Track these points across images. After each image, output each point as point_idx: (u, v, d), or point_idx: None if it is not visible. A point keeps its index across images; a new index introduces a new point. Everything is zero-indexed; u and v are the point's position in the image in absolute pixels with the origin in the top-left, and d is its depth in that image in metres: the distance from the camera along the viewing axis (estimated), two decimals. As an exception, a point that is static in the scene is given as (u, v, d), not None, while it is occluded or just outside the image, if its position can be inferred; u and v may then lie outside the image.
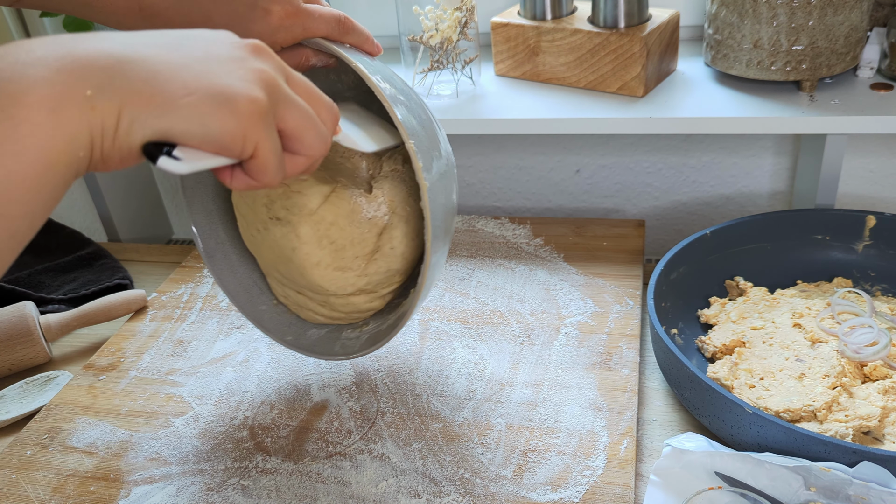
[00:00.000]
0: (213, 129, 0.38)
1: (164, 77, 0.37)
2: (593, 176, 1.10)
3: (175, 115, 0.37)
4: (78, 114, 0.34)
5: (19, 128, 0.32)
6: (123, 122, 0.36)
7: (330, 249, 0.64)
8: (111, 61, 0.36)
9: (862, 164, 1.00)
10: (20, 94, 0.32)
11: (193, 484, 0.68)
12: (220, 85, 0.38)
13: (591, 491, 0.63)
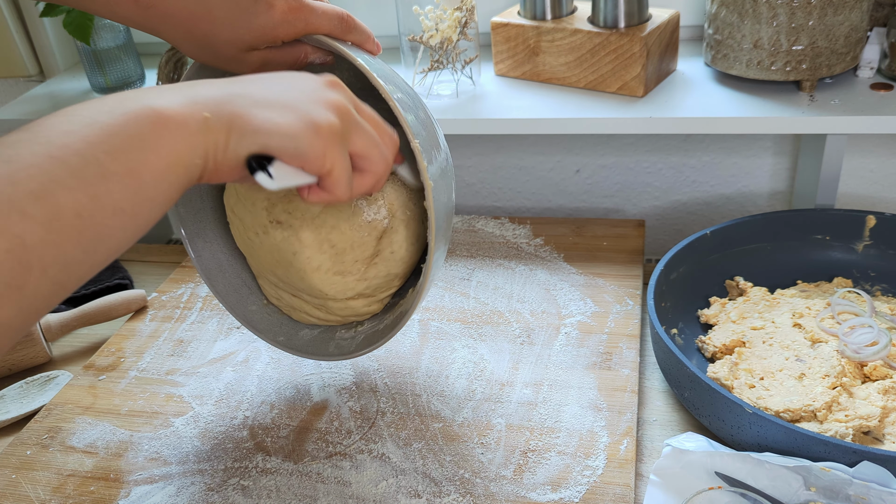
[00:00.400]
0: (301, 147, 0.46)
1: (263, 105, 0.46)
2: (593, 176, 1.10)
3: (271, 134, 0.45)
4: (197, 130, 0.43)
5: (161, 132, 0.41)
6: (232, 139, 0.45)
7: (330, 253, 0.64)
8: (222, 95, 0.46)
9: (862, 164, 1.00)
10: (163, 110, 0.42)
11: (193, 484, 0.68)
12: (305, 112, 0.47)
13: (591, 491, 0.63)
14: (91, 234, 0.38)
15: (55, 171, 0.37)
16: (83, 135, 0.39)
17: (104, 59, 1.03)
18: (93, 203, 0.38)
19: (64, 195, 0.37)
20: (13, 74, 1.19)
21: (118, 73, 1.05)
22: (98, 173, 0.38)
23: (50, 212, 0.36)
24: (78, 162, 0.38)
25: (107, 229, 0.39)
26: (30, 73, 1.18)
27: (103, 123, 0.40)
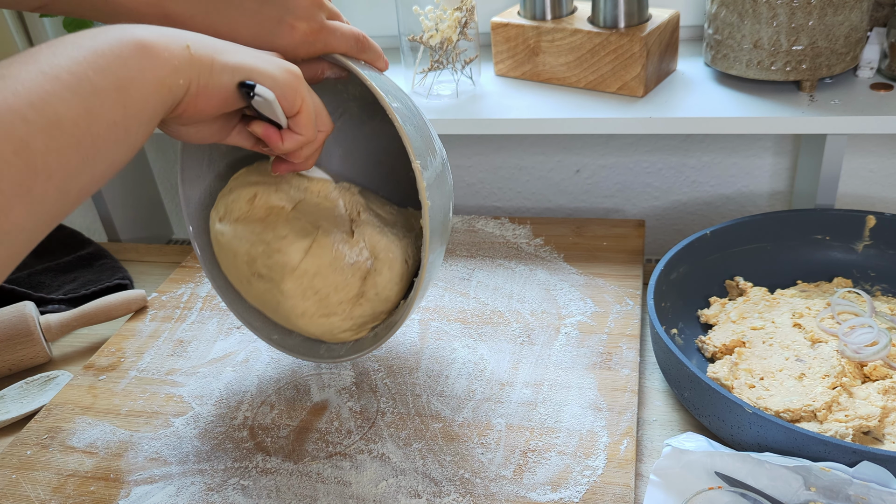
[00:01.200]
0: (280, 81, 0.52)
1: (236, 48, 0.52)
2: (593, 176, 1.10)
3: (253, 68, 0.51)
4: (180, 55, 0.47)
5: (144, 54, 0.45)
6: (216, 68, 0.50)
7: (315, 300, 0.66)
8: (200, 36, 0.50)
9: (862, 164, 1.00)
10: (146, 37, 0.45)
11: (193, 484, 0.68)
12: (273, 58, 0.54)
13: (591, 491, 0.63)
14: (89, 144, 0.41)
15: (50, 85, 0.39)
16: (71, 56, 0.42)
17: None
18: (88, 114, 0.41)
19: (61, 106, 0.40)
20: (13, 74, 1.19)
21: (118, 73, 1.05)
22: (89, 88, 0.41)
23: (50, 120, 0.39)
24: (69, 78, 0.40)
25: (102, 141, 0.42)
26: (30, 72, 1.18)
27: (88, 47, 0.43)
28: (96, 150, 0.42)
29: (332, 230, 0.66)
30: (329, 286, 0.65)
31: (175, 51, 0.47)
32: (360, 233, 0.67)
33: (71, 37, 0.44)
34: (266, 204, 0.66)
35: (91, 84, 0.42)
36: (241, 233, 0.66)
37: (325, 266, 0.65)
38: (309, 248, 0.64)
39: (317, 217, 0.66)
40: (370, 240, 0.67)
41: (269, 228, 0.65)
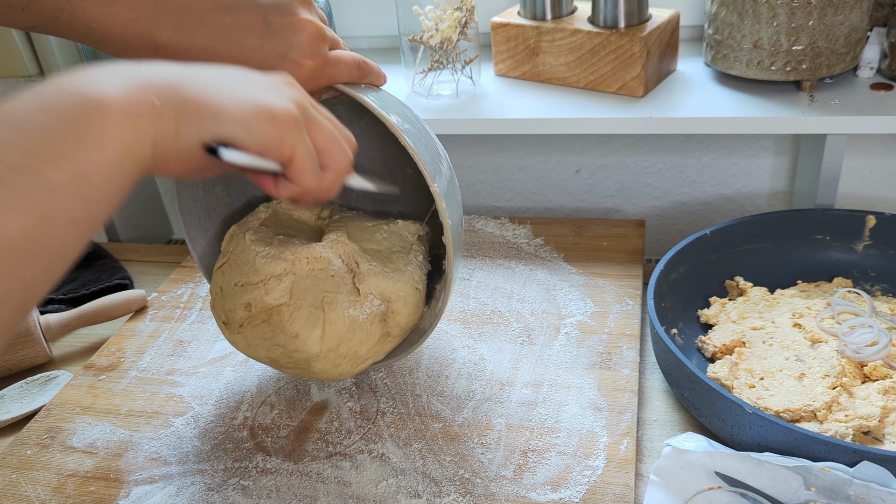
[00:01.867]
0: (256, 132, 0.45)
1: (214, 91, 0.44)
2: (593, 176, 1.10)
3: (224, 121, 0.44)
4: (146, 118, 0.40)
5: (104, 126, 0.38)
6: (182, 126, 0.42)
7: (345, 362, 0.67)
8: (172, 79, 0.43)
9: (862, 164, 1.00)
10: (105, 99, 0.38)
11: (193, 484, 0.68)
12: (259, 98, 0.46)
13: (591, 491, 0.63)
14: (46, 254, 0.36)
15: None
16: (19, 144, 0.35)
17: (104, 59, 1.03)
18: (42, 222, 0.35)
19: (9, 221, 0.34)
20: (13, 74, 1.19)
21: (118, 73, 1.05)
22: (42, 187, 0.35)
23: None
24: (18, 180, 0.35)
25: (61, 244, 0.37)
26: (30, 73, 1.18)
27: (40, 126, 0.36)
28: (54, 256, 0.37)
29: (336, 299, 0.65)
30: (354, 345, 0.66)
31: (140, 113, 0.40)
32: (366, 286, 0.66)
33: (23, 106, 0.37)
34: (263, 307, 0.64)
35: (43, 181, 0.35)
36: (252, 340, 0.66)
37: (344, 334, 0.65)
38: (322, 332, 0.64)
39: (316, 290, 0.65)
40: (377, 288, 0.66)
41: (278, 331, 0.64)
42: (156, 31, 0.54)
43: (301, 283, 0.65)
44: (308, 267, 0.65)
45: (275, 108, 0.46)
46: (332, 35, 0.61)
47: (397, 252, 0.69)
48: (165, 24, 0.54)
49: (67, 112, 0.37)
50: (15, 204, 0.34)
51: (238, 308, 0.65)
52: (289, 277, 0.65)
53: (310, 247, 0.66)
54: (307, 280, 0.65)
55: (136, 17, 0.53)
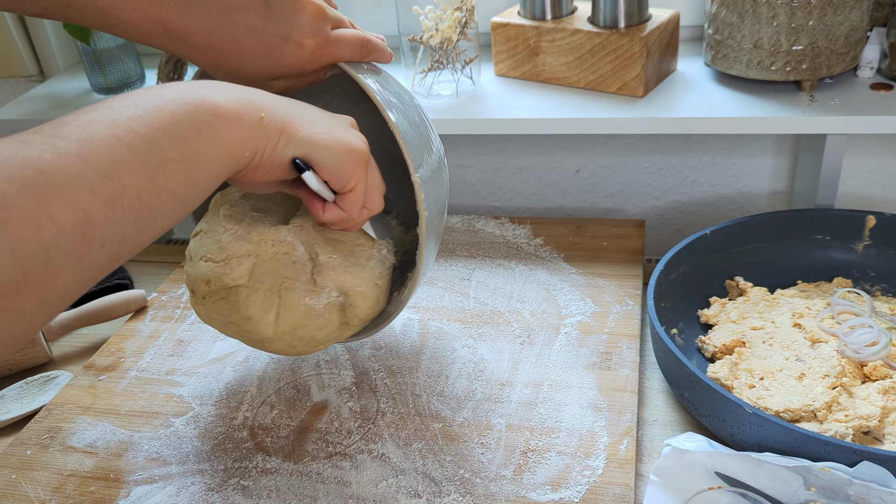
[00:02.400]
0: (338, 161, 0.53)
1: (309, 119, 0.53)
2: (593, 176, 1.10)
3: (316, 145, 0.52)
4: (253, 127, 0.48)
5: (218, 124, 0.45)
6: (281, 141, 0.50)
7: (303, 344, 0.67)
8: (274, 102, 0.51)
9: (862, 164, 1.00)
10: (222, 104, 0.46)
11: (193, 484, 0.68)
12: (341, 134, 0.54)
13: (591, 491, 0.63)
14: (146, 214, 0.41)
15: (122, 153, 0.40)
16: (149, 120, 0.42)
17: (104, 59, 1.03)
18: (152, 186, 0.41)
19: (128, 177, 0.40)
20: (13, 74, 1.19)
21: (118, 73, 1.05)
22: (159, 159, 0.42)
23: (115, 191, 0.39)
24: (142, 146, 0.41)
25: (160, 210, 0.42)
26: (30, 73, 1.18)
27: (167, 111, 0.43)
28: (153, 220, 0.42)
29: (294, 286, 0.66)
30: (312, 330, 0.67)
31: (248, 121, 0.47)
32: (323, 278, 0.66)
33: (148, 93, 0.44)
34: (222, 286, 0.65)
35: (161, 154, 0.42)
36: (211, 313, 0.67)
37: (300, 320, 0.66)
38: (276, 317, 0.65)
39: (276, 274, 0.66)
40: (334, 282, 0.67)
41: (234, 310, 0.65)
42: (165, 15, 0.56)
43: (262, 265, 0.65)
44: (272, 250, 0.66)
45: (354, 145, 0.54)
46: (336, 14, 0.62)
47: (361, 245, 0.69)
48: (174, 8, 0.56)
49: (190, 107, 0.44)
50: (135, 165, 0.40)
51: (200, 282, 0.66)
52: (250, 259, 0.66)
53: (276, 229, 0.66)
54: (269, 263, 0.66)
55: (147, 2, 0.55)
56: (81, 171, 0.38)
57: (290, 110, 0.52)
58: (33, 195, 0.36)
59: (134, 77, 1.07)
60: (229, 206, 0.68)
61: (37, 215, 0.35)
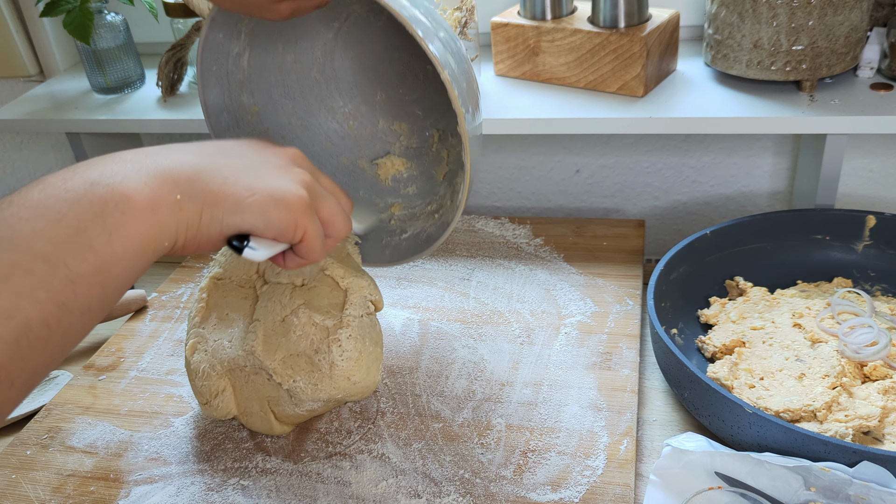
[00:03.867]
0: (273, 221, 0.48)
1: (232, 181, 0.47)
2: (593, 176, 1.10)
3: (243, 212, 0.46)
4: (169, 212, 0.43)
5: (129, 220, 0.40)
6: (204, 219, 0.45)
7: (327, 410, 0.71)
8: (193, 171, 0.45)
9: (862, 164, 1.00)
10: (131, 194, 0.41)
11: (193, 484, 0.68)
12: (274, 187, 0.48)
13: (591, 491, 0.63)
14: (58, 339, 0.38)
15: (22, 283, 0.36)
16: (51, 235, 0.38)
17: (104, 58, 1.03)
18: (60, 311, 0.37)
19: (33, 309, 0.36)
20: (13, 74, 1.19)
21: (118, 72, 1.05)
22: (66, 278, 0.37)
23: (19, 329, 0.36)
24: (45, 270, 0.37)
25: (73, 330, 0.39)
26: (30, 73, 1.18)
27: (71, 217, 0.38)
28: (66, 342, 0.39)
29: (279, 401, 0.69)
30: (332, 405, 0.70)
31: (163, 208, 0.42)
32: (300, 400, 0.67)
33: (55, 194, 0.39)
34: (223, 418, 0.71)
35: (68, 273, 0.38)
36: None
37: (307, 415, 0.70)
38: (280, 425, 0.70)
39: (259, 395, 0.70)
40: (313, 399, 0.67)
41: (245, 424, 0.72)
42: None
43: (243, 390, 0.70)
44: (242, 374, 0.69)
45: (288, 196, 0.48)
46: None
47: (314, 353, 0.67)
48: None
49: (95, 205, 0.39)
50: (39, 294, 0.36)
51: (204, 410, 0.71)
52: (227, 392, 0.70)
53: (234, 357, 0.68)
54: (248, 388, 0.69)
55: None
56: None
57: (211, 176, 0.46)
58: None
59: (134, 77, 1.07)
60: (194, 334, 0.71)
61: None
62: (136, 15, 1.11)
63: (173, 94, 1.03)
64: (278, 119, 0.76)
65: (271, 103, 0.76)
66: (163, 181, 0.43)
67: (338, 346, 0.65)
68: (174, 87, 1.03)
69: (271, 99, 0.76)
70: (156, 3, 1.03)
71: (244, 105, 0.74)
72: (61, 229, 0.38)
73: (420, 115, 0.79)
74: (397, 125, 0.80)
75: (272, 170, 0.50)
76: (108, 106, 1.04)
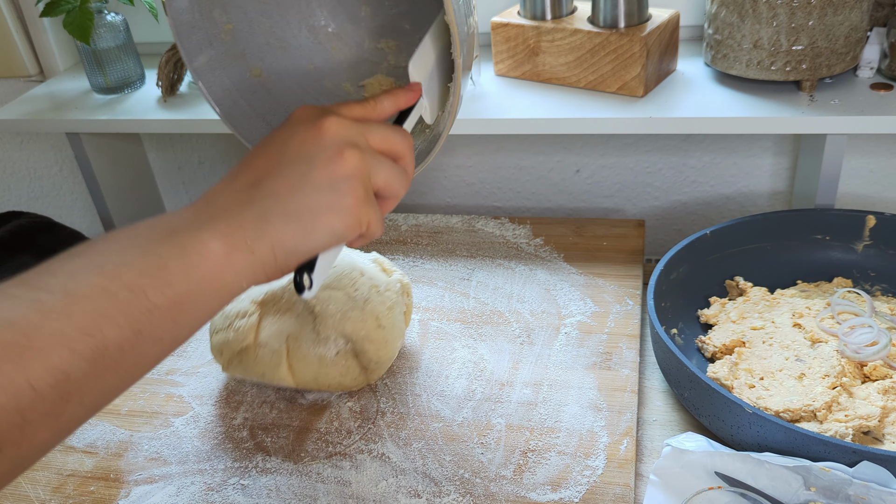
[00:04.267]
0: (339, 231, 0.48)
1: (292, 211, 0.46)
2: (593, 176, 1.10)
3: (311, 237, 0.47)
4: (242, 258, 0.44)
5: (204, 264, 0.43)
6: (279, 256, 0.46)
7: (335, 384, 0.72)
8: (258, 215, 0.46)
9: (862, 164, 1.00)
10: (206, 240, 0.43)
11: (193, 484, 0.68)
12: (329, 197, 0.47)
13: (591, 491, 0.63)
14: (130, 364, 0.40)
15: (106, 305, 0.38)
16: (136, 266, 0.40)
17: (104, 59, 1.03)
18: (136, 337, 0.40)
19: (111, 331, 0.38)
20: (13, 74, 1.19)
21: (118, 73, 1.05)
22: (144, 308, 0.40)
23: (97, 348, 0.38)
24: (127, 297, 0.39)
25: (144, 358, 0.41)
26: (30, 73, 1.18)
27: (154, 255, 0.41)
28: (136, 369, 0.41)
29: (300, 337, 0.71)
30: (335, 377, 0.72)
31: (238, 256, 0.44)
32: (325, 328, 0.71)
33: (136, 234, 0.42)
34: (232, 352, 0.73)
35: (147, 303, 0.40)
36: (240, 374, 0.75)
37: (316, 369, 0.71)
38: (289, 369, 0.71)
39: (280, 330, 0.72)
40: (336, 331, 0.71)
41: (248, 369, 0.73)
42: None
43: (266, 324, 0.71)
44: (274, 308, 0.72)
45: (346, 200, 0.48)
46: None
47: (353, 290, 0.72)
48: None
49: (177, 247, 0.42)
50: (119, 318, 0.39)
51: (216, 353, 0.75)
52: (254, 317, 0.71)
53: (273, 290, 0.70)
54: (272, 320, 0.71)
55: None
56: (63, 329, 0.37)
57: (273, 214, 0.46)
58: (13, 361, 0.35)
59: (134, 77, 1.07)
60: None
61: (15, 382, 0.35)
62: (136, 15, 1.11)
63: (173, 94, 1.03)
64: (255, 39, 0.70)
65: (247, 21, 0.69)
66: (235, 229, 0.45)
67: (377, 292, 0.72)
68: (174, 87, 1.03)
69: (247, 16, 0.69)
70: (156, 3, 1.03)
71: (216, 22, 0.67)
72: (146, 264, 0.41)
73: (409, 28, 0.73)
74: (384, 43, 0.75)
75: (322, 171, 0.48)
76: (108, 106, 1.04)
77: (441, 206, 1.17)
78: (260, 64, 0.69)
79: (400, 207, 1.17)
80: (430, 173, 1.15)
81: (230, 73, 0.67)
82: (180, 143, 1.23)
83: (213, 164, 1.25)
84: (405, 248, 0.98)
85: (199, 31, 0.66)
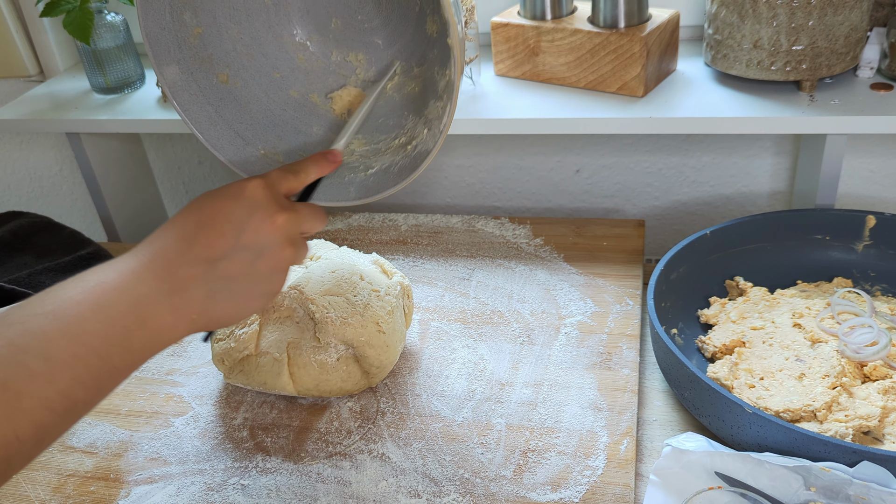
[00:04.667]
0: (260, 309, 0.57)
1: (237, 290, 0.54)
2: (593, 176, 1.10)
3: (241, 314, 0.55)
4: (185, 326, 0.52)
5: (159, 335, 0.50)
6: (210, 324, 0.53)
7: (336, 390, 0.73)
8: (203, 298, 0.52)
9: (862, 164, 1.00)
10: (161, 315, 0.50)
11: (193, 484, 0.68)
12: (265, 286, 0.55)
13: (591, 491, 0.63)
14: (86, 411, 0.47)
15: (80, 372, 0.45)
16: (106, 336, 0.47)
17: (104, 59, 1.03)
18: (97, 393, 0.47)
19: (82, 392, 0.45)
20: (13, 74, 1.19)
21: (118, 72, 1.05)
22: (108, 372, 0.47)
23: (69, 406, 0.45)
24: (97, 363, 0.46)
25: (94, 403, 0.48)
26: (30, 73, 1.18)
27: (120, 326, 0.47)
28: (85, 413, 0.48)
29: (300, 344, 0.72)
30: (336, 383, 0.72)
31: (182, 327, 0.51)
32: (325, 334, 0.71)
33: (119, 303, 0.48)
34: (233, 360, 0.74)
35: (112, 369, 0.47)
36: (238, 384, 0.75)
37: (317, 376, 0.72)
38: (290, 377, 0.72)
39: (280, 338, 0.73)
40: (336, 336, 0.71)
41: (250, 378, 0.73)
42: None
43: (267, 333, 0.72)
44: (274, 316, 0.73)
45: (273, 293, 0.56)
46: None
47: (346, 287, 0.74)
48: None
49: (141, 320, 0.49)
50: (89, 382, 0.46)
51: (218, 362, 0.75)
52: (254, 325, 0.72)
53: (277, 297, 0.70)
54: (275, 328, 0.72)
55: None
56: (47, 393, 0.43)
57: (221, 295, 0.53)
58: (6, 418, 0.42)
59: (134, 77, 1.07)
60: None
61: (5, 436, 0.41)
62: (136, 15, 1.11)
63: (173, 94, 1.03)
64: (223, 45, 0.69)
65: (216, 26, 0.69)
66: (184, 305, 0.51)
67: (377, 297, 0.73)
68: (174, 87, 1.03)
69: (216, 21, 0.69)
70: (156, 3, 1.02)
71: (186, 24, 0.67)
72: (114, 335, 0.47)
73: (380, 44, 0.73)
74: (353, 56, 0.74)
75: (266, 263, 0.55)
76: (108, 106, 1.04)
77: (441, 206, 1.17)
78: (226, 70, 0.70)
79: (400, 207, 1.17)
80: (430, 173, 1.15)
81: (197, 78, 0.67)
82: (180, 143, 1.23)
83: (213, 164, 1.25)
84: (405, 248, 0.98)
85: (168, 33, 0.66)
